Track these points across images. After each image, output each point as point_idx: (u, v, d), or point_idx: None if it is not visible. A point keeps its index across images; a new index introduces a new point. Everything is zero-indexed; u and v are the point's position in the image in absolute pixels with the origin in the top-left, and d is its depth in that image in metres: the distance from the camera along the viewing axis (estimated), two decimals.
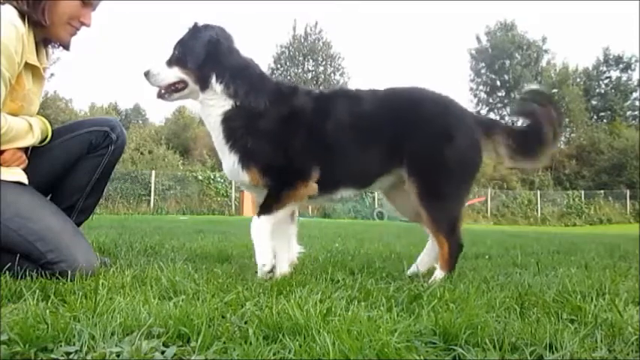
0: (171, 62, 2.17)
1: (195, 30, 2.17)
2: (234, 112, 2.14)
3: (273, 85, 2.24)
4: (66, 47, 2.21)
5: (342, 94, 2.39)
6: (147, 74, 2.17)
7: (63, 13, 2.05)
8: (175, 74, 2.16)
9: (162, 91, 2.19)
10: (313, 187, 2.17)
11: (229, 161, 2.16)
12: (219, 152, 2.23)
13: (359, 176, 2.33)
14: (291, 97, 2.22)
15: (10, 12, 1.91)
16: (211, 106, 2.16)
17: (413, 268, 2.41)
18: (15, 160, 2.04)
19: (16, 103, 2.01)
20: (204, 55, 2.11)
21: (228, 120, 2.14)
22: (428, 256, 2.46)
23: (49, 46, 2.23)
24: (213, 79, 2.12)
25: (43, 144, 2.16)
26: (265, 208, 2.15)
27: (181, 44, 2.17)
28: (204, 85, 2.14)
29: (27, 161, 2.10)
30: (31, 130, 2.07)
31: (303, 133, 2.18)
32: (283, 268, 2.23)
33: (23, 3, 1.96)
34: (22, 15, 1.96)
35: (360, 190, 2.48)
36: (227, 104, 2.14)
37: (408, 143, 2.22)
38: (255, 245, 2.13)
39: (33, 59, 2.03)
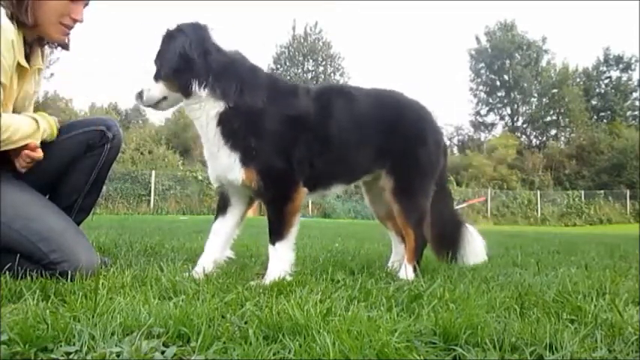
0: (155, 77, 2.12)
1: (168, 38, 2.10)
2: (230, 114, 2.07)
3: (267, 80, 2.19)
4: (64, 47, 2.19)
5: (337, 92, 2.45)
6: (140, 95, 2.13)
7: (51, 11, 2.02)
8: (162, 89, 2.11)
9: (154, 104, 2.16)
10: (304, 190, 2.18)
11: (225, 160, 2.09)
12: (209, 153, 2.17)
13: (350, 173, 2.48)
14: (292, 96, 2.20)
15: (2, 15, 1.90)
16: (198, 110, 2.10)
17: (389, 266, 2.62)
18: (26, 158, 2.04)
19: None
20: (177, 64, 2.03)
21: (224, 122, 2.07)
22: (396, 255, 2.67)
23: (47, 46, 2.22)
24: (195, 86, 2.04)
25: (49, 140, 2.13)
26: (277, 235, 2.12)
27: (158, 56, 2.11)
28: (185, 92, 2.07)
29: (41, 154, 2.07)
30: (38, 128, 2.06)
31: (306, 135, 2.17)
32: (208, 267, 2.21)
33: (9, 4, 1.95)
34: (12, 15, 1.94)
35: (348, 185, 2.66)
36: (218, 106, 2.06)
37: (392, 144, 2.38)
38: (273, 266, 2.10)
39: (22, 61, 2.01)
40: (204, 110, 2.09)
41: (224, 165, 2.12)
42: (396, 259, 2.64)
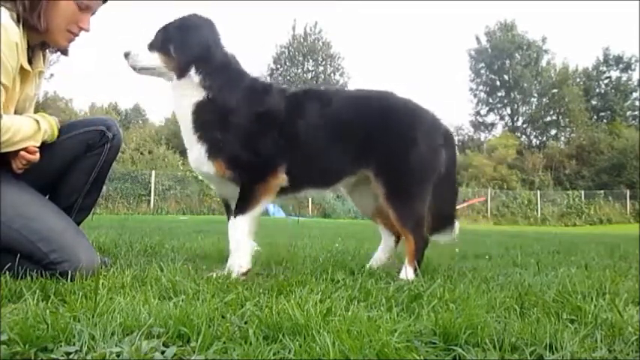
0: (152, 47, 2.21)
1: (188, 24, 2.21)
2: (206, 105, 2.17)
3: (248, 82, 2.28)
4: (64, 52, 2.22)
5: (313, 94, 2.43)
6: (126, 55, 2.22)
7: (61, 18, 2.04)
8: (154, 60, 2.20)
9: (137, 68, 2.24)
10: (283, 177, 2.21)
11: (196, 151, 2.20)
12: (186, 142, 2.27)
13: (325, 177, 2.43)
14: (264, 95, 2.26)
15: (3, 16, 1.90)
16: (183, 95, 2.20)
17: (371, 263, 2.62)
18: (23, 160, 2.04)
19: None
20: (199, 54, 2.16)
21: (198, 111, 2.18)
22: (382, 253, 2.70)
23: (48, 50, 2.23)
24: (193, 71, 2.15)
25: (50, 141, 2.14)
26: (241, 208, 2.20)
27: (168, 32, 2.20)
28: (181, 74, 2.18)
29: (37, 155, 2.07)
30: (39, 129, 2.06)
31: (274, 131, 2.22)
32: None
33: (20, 4, 1.96)
34: (18, 18, 1.95)
35: (325, 190, 2.60)
36: (199, 95, 2.17)
37: (376, 146, 2.32)
38: (232, 246, 2.18)
39: (25, 64, 2.01)
40: (189, 97, 2.18)
41: (195, 157, 2.22)
42: (384, 254, 2.67)
